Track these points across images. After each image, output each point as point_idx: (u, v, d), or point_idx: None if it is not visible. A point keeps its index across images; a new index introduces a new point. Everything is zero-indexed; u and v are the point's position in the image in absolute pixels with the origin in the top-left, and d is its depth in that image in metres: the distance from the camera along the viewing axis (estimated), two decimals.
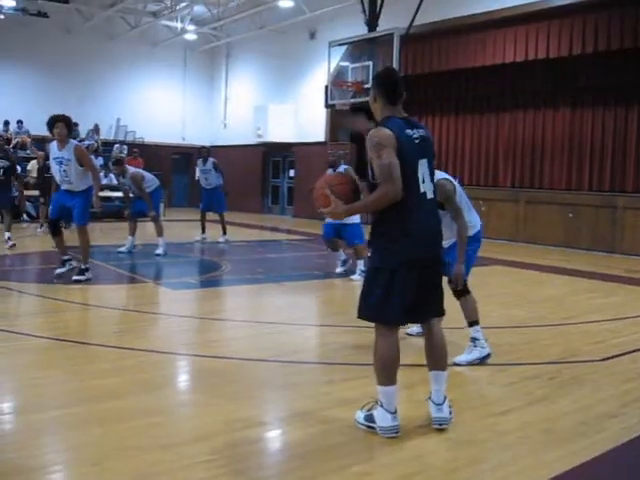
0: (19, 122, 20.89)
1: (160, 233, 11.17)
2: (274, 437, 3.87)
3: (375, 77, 3.96)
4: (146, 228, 12.74)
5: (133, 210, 11.42)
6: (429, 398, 3.87)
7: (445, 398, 3.83)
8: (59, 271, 8.54)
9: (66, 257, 8.66)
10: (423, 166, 3.65)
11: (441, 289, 3.86)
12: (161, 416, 3.97)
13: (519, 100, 16.23)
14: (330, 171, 9.68)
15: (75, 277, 8.35)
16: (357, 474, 3.25)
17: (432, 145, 3.82)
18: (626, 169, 14.29)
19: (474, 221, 5.37)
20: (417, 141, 3.66)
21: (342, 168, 9.74)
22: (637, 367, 5.28)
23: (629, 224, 13.55)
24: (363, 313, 3.79)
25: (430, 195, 3.68)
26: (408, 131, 3.65)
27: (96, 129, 22.80)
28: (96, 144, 21.77)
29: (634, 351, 5.76)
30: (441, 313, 3.92)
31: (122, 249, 11.19)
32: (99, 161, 20.98)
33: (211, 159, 13.68)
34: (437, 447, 3.63)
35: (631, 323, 6.93)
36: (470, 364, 5.10)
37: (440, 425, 3.78)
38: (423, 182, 3.64)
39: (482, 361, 5.12)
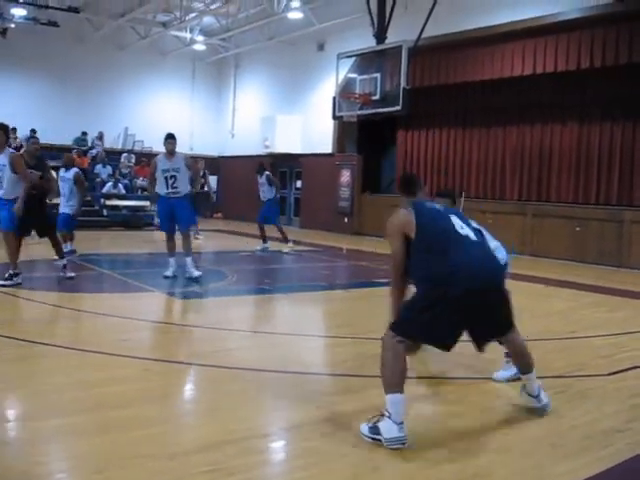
0: (32, 131, 20.95)
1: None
2: (278, 448, 3.87)
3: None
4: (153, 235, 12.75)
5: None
6: (527, 393, 4.45)
7: (539, 389, 4.41)
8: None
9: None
10: (456, 219, 4.13)
11: (496, 312, 4.20)
12: (165, 425, 3.96)
13: (526, 113, 16.22)
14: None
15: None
16: None
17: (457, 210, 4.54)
18: (633, 183, 14.26)
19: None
20: (439, 207, 4.30)
21: None
22: None
23: (636, 238, 13.50)
24: (409, 331, 3.90)
25: (474, 238, 4.09)
26: (427, 203, 4.35)
27: (100, 136, 22.87)
28: (104, 153, 21.83)
29: None
30: (505, 331, 4.35)
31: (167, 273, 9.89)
32: (107, 170, 21.05)
33: (266, 173, 14.19)
34: (442, 460, 3.61)
35: (637, 338, 6.89)
36: (509, 380, 5.02)
37: (545, 410, 4.37)
38: (462, 228, 4.08)
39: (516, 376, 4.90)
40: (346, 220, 20.36)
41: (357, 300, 8.99)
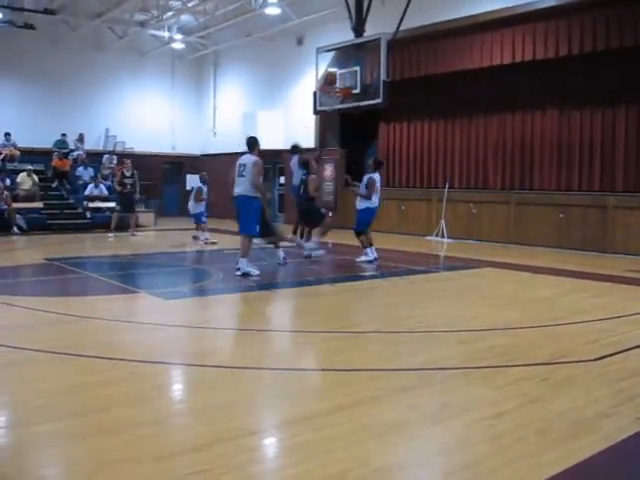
0: (7, 134, 20.74)
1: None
2: (267, 445, 3.85)
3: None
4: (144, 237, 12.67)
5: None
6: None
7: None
8: None
9: None
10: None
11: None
12: (154, 427, 3.93)
13: (507, 102, 16.28)
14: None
15: None
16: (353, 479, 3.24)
17: None
18: (615, 168, 14.34)
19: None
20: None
21: None
22: (630, 366, 5.30)
23: (619, 223, 13.60)
24: None
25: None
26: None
27: (80, 138, 22.70)
28: (84, 155, 21.69)
29: (626, 350, 5.77)
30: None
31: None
32: (89, 172, 20.92)
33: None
34: (431, 451, 3.62)
35: (623, 322, 6.94)
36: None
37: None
38: None
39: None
40: (330, 214, 20.31)
41: (344, 294, 8.99)
